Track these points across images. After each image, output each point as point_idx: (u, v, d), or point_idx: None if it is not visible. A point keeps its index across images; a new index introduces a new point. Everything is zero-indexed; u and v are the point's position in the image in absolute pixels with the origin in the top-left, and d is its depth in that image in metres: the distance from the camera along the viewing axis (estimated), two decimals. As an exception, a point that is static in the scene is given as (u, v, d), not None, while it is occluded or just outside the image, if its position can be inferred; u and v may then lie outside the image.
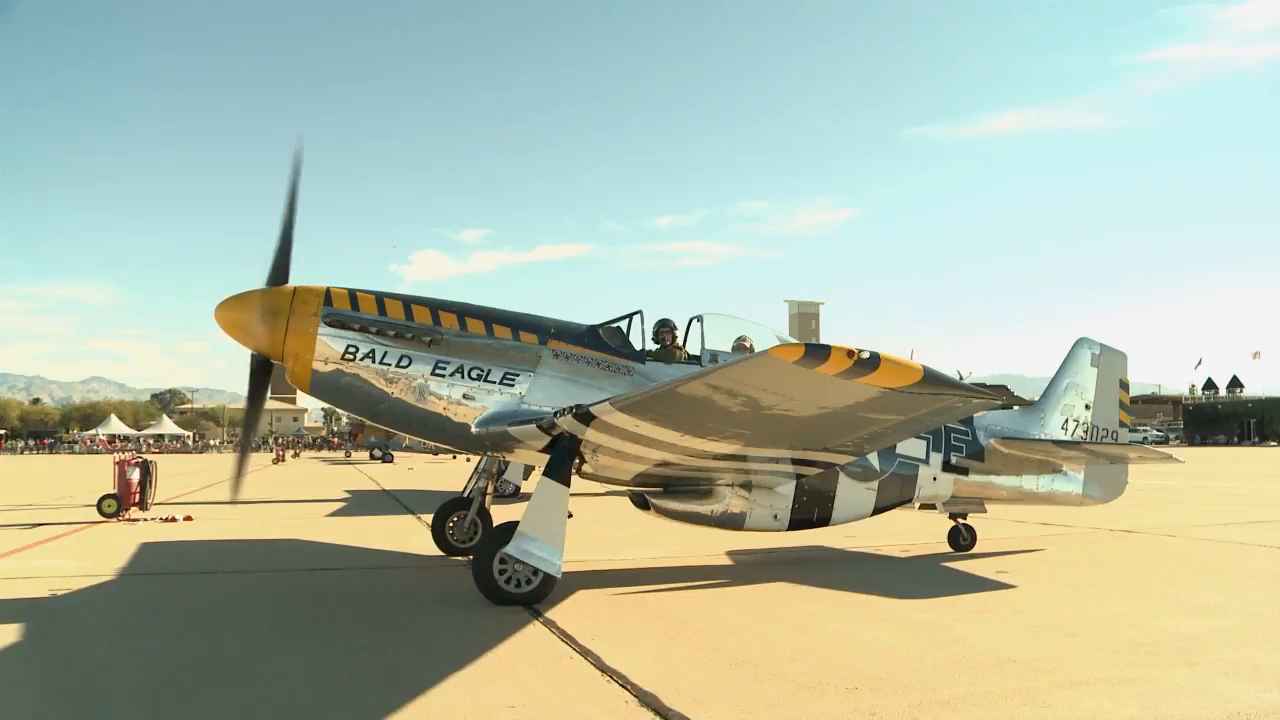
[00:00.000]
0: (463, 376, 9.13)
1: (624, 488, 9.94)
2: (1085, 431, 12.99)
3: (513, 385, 9.24)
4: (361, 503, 21.01)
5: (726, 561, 11.08)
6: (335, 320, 8.95)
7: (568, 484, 8.02)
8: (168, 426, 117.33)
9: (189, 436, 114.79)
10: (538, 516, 7.79)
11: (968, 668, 5.85)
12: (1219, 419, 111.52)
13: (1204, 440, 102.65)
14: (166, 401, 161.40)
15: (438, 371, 9.09)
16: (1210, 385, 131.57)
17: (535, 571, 7.81)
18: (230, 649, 6.48)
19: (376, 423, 9.71)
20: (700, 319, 10.04)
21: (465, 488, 12.14)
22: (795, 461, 8.79)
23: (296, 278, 9.08)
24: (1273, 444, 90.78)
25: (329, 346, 8.90)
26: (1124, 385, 13.54)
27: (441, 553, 11.24)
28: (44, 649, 6.56)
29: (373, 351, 8.96)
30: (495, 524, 9.31)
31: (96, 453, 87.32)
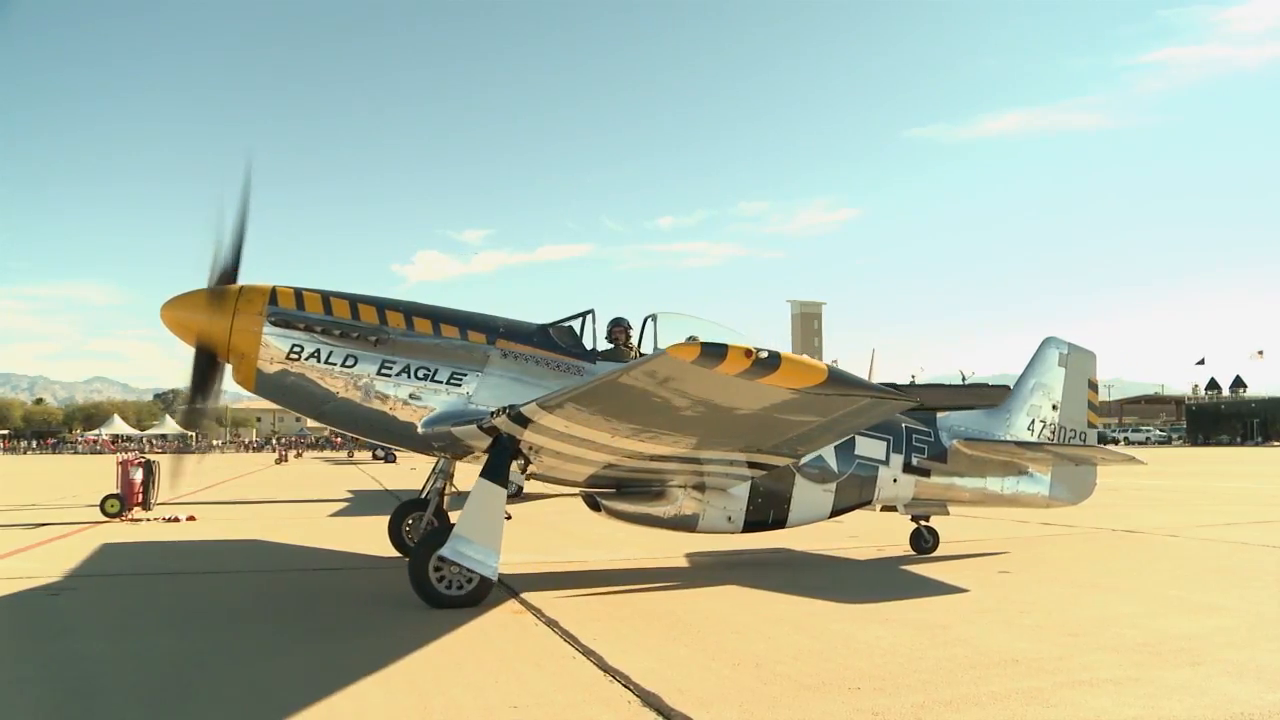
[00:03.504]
0: (409, 376, 9.01)
1: (578, 489, 9.75)
2: (1052, 432, 12.71)
3: (460, 385, 9.11)
4: (364, 502, 21.02)
5: (727, 562, 11.06)
6: (280, 320, 8.84)
7: (505, 485, 7.84)
8: (170, 426, 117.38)
9: (191, 437, 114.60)
10: (474, 518, 7.62)
11: (970, 668, 5.84)
12: (1222, 419, 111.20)
13: (1207, 440, 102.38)
14: (169, 401, 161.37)
15: (384, 371, 8.96)
16: (1213, 385, 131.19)
17: (471, 575, 7.67)
18: (231, 649, 6.48)
19: (323, 422, 9.60)
20: (654, 318, 9.91)
21: (423, 488, 11.96)
22: (743, 464, 8.64)
23: (296, 277, 9.09)
24: (1276, 444, 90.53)
25: (274, 346, 8.79)
26: (1092, 385, 13.29)
27: (399, 554, 11.09)
28: (44, 649, 6.55)
29: (318, 351, 8.85)
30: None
31: (100, 453, 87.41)
